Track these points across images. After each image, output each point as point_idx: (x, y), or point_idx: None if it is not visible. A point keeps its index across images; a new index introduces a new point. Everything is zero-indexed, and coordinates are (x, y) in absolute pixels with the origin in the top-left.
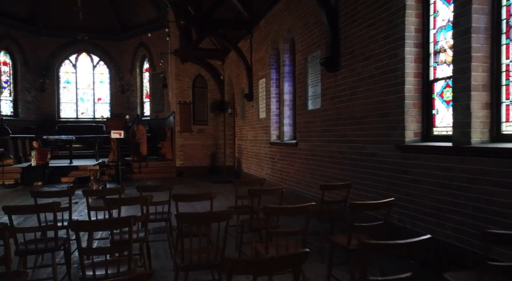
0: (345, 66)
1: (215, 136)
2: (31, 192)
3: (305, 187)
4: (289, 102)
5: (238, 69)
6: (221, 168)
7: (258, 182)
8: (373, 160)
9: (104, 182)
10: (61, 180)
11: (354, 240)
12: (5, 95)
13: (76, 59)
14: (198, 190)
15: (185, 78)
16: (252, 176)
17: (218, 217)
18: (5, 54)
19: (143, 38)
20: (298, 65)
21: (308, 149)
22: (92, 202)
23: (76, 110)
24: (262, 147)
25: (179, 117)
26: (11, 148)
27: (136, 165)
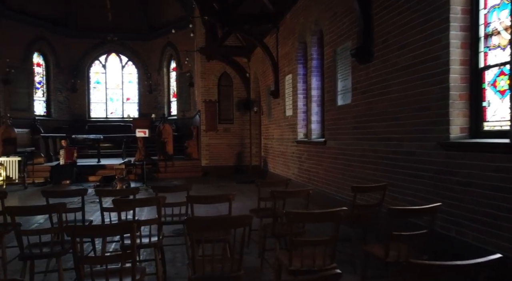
0: (378, 57)
1: (241, 135)
2: (43, 191)
3: (335, 188)
4: (317, 98)
5: (264, 66)
6: (247, 168)
7: (282, 182)
8: (411, 160)
9: (128, 181)
10: (88, 179)
11: (393, 252)
12: (39, 96)
13: (105, 59)
14: (222, 190)
15: (210, 76)
16: (279, 176)
17: (234, 223)
18: (38, 55)
19: (170, 37)
20: (326, 58)
21: (338, 147)
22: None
23: (105, 110)
24: (288, 146)
25: (204, 116)
26: (42, 147)
27: (162, 164)
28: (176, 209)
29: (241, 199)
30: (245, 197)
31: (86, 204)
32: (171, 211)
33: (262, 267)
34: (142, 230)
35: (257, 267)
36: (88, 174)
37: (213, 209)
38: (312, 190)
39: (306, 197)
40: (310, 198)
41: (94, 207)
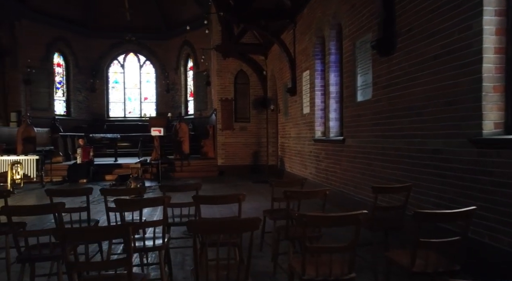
0: (400, 48)
1: (258, 134)
2: (46, 190)
3: (354, 188)
4: (336, 95)
5: (281, 63)
6: (264, 168)
7: (297, 182)
8: (437, 158)
9: (142, 180)
10: (105, 178)
11: (420, 260)
12: (59, 95)
13: (124, 59)
14: (237, 189)
15: (226, 74)
16: (295, 176)
17: (241, 226)
18: (58, 56)
19: (187, 36)
20: (345, 52)
21: (357, 146)
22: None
23: (124, 109)
24: (305, 144)
25: (220, 114)
26: (61, 146)
27: (178, 164)
28: (186, 210)
29: (257, 199)
30: (261, 197)
31: (98, 203)
32: (180, 211)
33: (275, 272)
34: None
35: (270, 271)
36: (105, 173)
37: (227, 210)
38: (329, 191)
39: (323, 198)
40: (327, 199)
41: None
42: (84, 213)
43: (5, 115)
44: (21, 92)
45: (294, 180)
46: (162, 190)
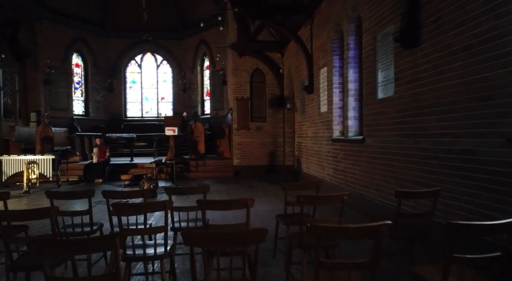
0: (427, 40)
1: (274, 133)
2: (47, 192)
3: (374, 191)
4: (354, 92)
5: (298, 60)
6: (280, 168)
7: (313, 185)
8: (469, 160)
9: (156, 181)
10: (121, 178)
11: (454, 279)
12: (78, 96)
13: (141, 59)
14: (252, 190)
15: (242, 72)
16: (312, 177)
17: (245, 239)
18: (77, 56)
19: (204, 35)
20: (365, 47)
21: (378, 146)
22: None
23: (141, 109)
24: (323, 144)
25: (236, 114)
26: (78, 146)
27: (193, 164)
28: (193, 214)
29: (272, 201)
30: (276, 199)
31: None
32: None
33: None
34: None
35: None
36: (120, 172)
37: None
38: (347, 196)
39: (340, 203)
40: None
41: None
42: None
43: (25, 115)
44: (41, 92)
45: (309, 183)
46: (167, 193)
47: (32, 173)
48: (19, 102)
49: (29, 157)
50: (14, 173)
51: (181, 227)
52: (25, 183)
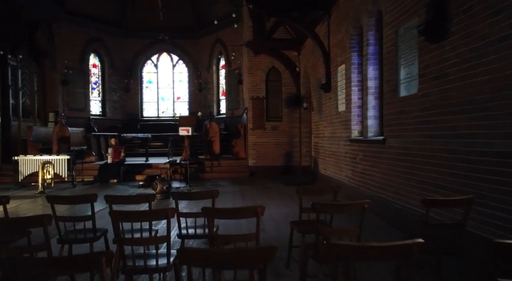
0: (456, 32)
1: (290, 133)
2: (47, 197)
3: (395, 195)
4: (374, 90)
5: (315, 58)
6: (296, 169)
7: (330, 190)
8: (506, 164)
9: (169, 182)
10: (135, 178)
11: None
12: (95, 96)
13: (157, 59)
14: (267, 192)
15: (258, 71)
16: (330, 179)
17: (251, 258)
18: (94, 56)
19: (219, 34)
20: (386, 42)
21: (400, 147)
22: (156, 203)
23: (157, 109)
24: (341, 145)
25: (251, 113)
26: (94, 146)
27: (208, 164)
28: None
29: (288, 204)
30: (292, 202)
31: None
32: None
33: None
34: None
35: None
36: (135, 173)
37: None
38: (368, 204)
39: (360, 211)
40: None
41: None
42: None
43: (44, 116)
44: (59, 92)
45: (326, 187)
46: (174, 198)
47: (47, 174)
48: (37, 102)
49: (44, 157)
50: (30, 173)
51: (188, 234)
52: (40, 183)
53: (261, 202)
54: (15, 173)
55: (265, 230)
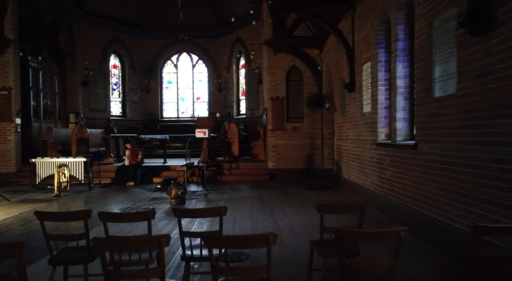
0: (504, 22)
1: (312, 135)
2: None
3: (430, 208)
4: (404, 90)
5: (338, 56)
6: (318, 172)
7: (355, 208)
8: None
9: (183, 186)
10: (153, 180)
11: None
12: (115, 97)
13: (177, 59)
14: (288, 197)
15: (278, 70)
16: (353, 185)
17: None
18: (115, 57)
19: (239, 33)
20: (418, 37)
21: (435, 153)
22: (171, 208)
23: (177, 110)
24: (366, 149)
25: (271, 114)
26: (112, 147)
27: (227, 166)
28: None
29: (309, 211)
30: (314, 210)
31: (139, 211)
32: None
33: None
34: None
35: None
36: (153, 175)
37: (272, 223)
38: (405, 233)
39: (395, 242)
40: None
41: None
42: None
43: (65, 117)
44: (79, 93)
45: (350, 206)
46: (176, 215)
47: (62, 176)
48: (58, 103)
49: (61, 159)
50: (47, 175)
51: (193, 256)
52: (55, 186)
53: (280, 209)
54: (33, 175)
55: (284, 244)
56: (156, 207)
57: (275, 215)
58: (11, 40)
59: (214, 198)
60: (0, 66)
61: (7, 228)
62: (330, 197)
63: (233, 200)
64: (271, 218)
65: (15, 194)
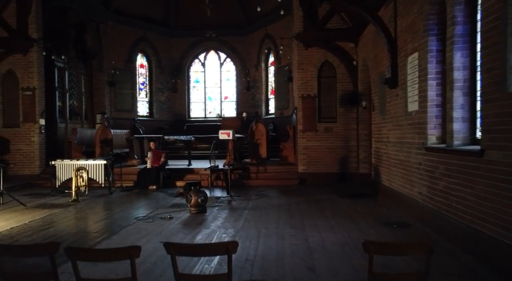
0: None
1: (346, 136)
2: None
3: (500, 230)
4: (463, 84)
5: (376, 48)
6: (353, 177)
7: (420, 249)
8: None
9: (204, 193)
10: (176, 184)
11: None
12: (142, 97)
13: (204, 57)
14: (319, 206)
15: (309, 66)
16: (396, 194)
17: None
18: (142, 56)
19: (268, 28)
20: (486, 16)
21: (510, 163)
22: (190, 217)
23: (204, 109)
24: (412, 153)
25: (301, 113)
26: (136, 149)
27: (254, 169)
28: None
29: (345, 226)
30: (351, 224)
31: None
32: None
33: None
34: None
35: None
36: (176, 178)
37: (301, 242)
38: None
39: None
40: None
41: (162, 226)
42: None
43: (91, 117)
44: (106, 94)
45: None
46: (168, 252)
47: (80, 180)
48: (85, 104)
49: (81, 162)
50: (67, 178)
51: None
52: (73, 191)
53: (310, 222)
54: (53, 178)
55: (315, 271)
56: (174, 216)
57: (305, 230)
58: (35, 39)
59: (238, 205)
60: (24, 66)
61: (11, 239)
62: (368, 207)
63: (259, 209)
64: (300, 233)
65: (34, 198)
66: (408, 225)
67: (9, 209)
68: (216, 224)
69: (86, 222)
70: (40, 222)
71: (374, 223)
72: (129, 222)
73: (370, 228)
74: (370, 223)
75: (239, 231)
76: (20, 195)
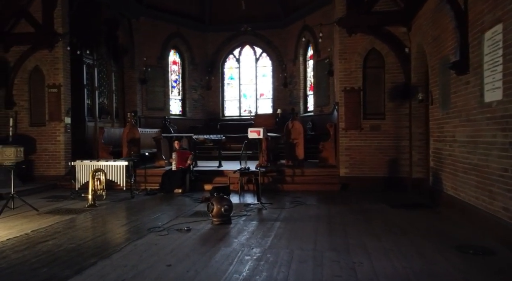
0: None
1: (396, 135)
2: None
3: None
4: None
5: (437, 28)
6: (405, 182)
7: None
8: None
9: (229, 201)
10: (203, 187)
11: None
12: (175, 94)
13: (239, 53)
14: (365, 218)
15: (352, 55)
16: (466, 206)
17: None
18: (174, 53)
19: (307, 19)
20: None
21: None
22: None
23: (239, 107)
24: (491, 156)
25: (344, 109)
26: (165, 149)
27: (289, 172)
28: None
29: (402, 248)
30: (409, 244)
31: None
32: None
33: None
34: None
35: None
36: (205, 181)
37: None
38: None
39: None
40: None
41: (176, 241)
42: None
43: (123, 116)
44: (137, 91)
45: None
46: None
47: (98, 183)
48: (116, 102)
49: (100, 163)
50: (86, 180)
51: None
52: (90, 195)
53: (357, 242)
54: (73, 179)
55: None
56: (192, 227)
57: (351, 254)
58: (60, 35)
59: (269, 215)
60: (50, 62)
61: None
62: (428, 222)
63: (293, 221)
64: (344, 259)
65: (52, 202)
66: (492, 253)
67: (19, 215)
68: (239, 240)
69: (91, 234)
70: (43, 232)
71: (441, 246)
72: (140, 234)
73: (437, 253)
74: (435, 245)
75: (266, 252)
76: (41, 198)
